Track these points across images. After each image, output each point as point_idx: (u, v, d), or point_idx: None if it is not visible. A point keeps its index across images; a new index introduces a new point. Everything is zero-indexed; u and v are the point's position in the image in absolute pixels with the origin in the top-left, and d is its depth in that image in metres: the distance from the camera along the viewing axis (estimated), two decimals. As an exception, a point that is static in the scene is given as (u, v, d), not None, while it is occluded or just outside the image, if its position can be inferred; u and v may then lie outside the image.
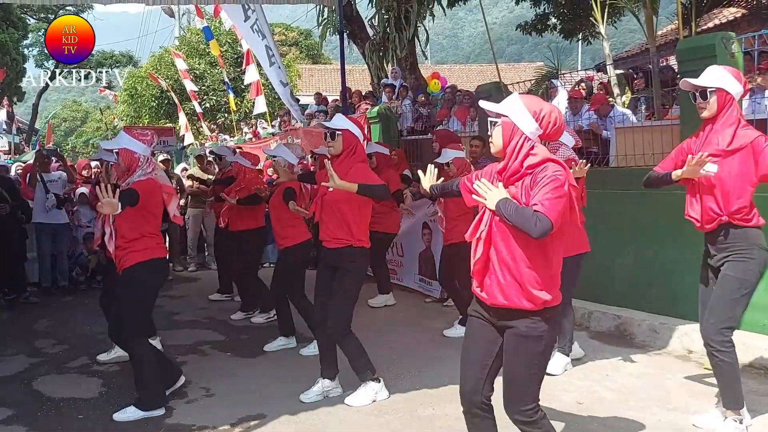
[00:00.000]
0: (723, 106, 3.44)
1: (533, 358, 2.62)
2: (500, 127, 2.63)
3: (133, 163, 4.10)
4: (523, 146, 2.59)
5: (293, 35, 35.07)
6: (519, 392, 2.66)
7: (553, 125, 2.61)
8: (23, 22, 27.54)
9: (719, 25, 14.36)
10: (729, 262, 3.49)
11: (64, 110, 56.37)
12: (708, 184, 3.47)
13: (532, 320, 2.58)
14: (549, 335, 2.63)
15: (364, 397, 4.21)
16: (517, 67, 33.82)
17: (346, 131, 4.16)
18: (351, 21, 11.97)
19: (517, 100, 2.63)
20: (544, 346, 2.63)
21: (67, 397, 4.48)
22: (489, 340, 2.74)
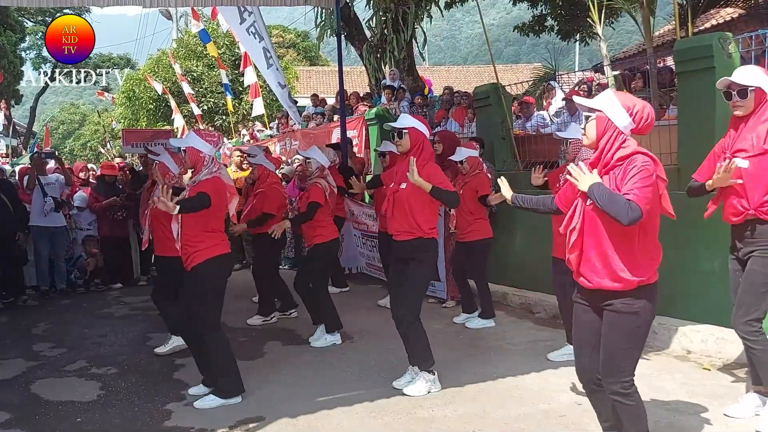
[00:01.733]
0: (759, 104, 3.55)
1: (630, 333, 2.81)
2: (594, 121, 2.80)
3: (198, 162, 4.25)
4: (616, 139, 2.76)
5: (291, 37, 35.10)
6: (616, 366, 2.84)
7: (645, 120, 2.77)
8: (20, 24, 27.53)
9: (716, 25, 14.39)
10: (754, 256, 3.59)
11: (61, 113, 56.32)
12: (737, 178, 3.54)
13: (627, 298, 2.77)
14: (645, 311, 2.79)
15: (422, 387, 4.35)
16: (515, 68, 33.85)
17: (412, 129, 4.34)
18: (349, 23, 11.98)
19: (612, 96, 2.81)
20: (641, 322, 2.81)
21: (66, 401, 4.47)
22: (593, 323, 2.94)
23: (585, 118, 2.85)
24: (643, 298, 2.78)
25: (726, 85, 3.64)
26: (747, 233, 3.61)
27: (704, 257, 5.32)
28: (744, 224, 3.61)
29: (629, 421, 2.90)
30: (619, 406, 2.89)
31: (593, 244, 2.81)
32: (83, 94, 68.61)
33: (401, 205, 4.35)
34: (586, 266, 2.85)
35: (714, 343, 4.92)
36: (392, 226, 4.48)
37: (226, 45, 22.99)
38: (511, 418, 3.92)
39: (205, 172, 4.23)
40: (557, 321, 6.19)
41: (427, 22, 12.41)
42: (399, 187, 4.35)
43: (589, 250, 2.83)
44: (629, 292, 2.76)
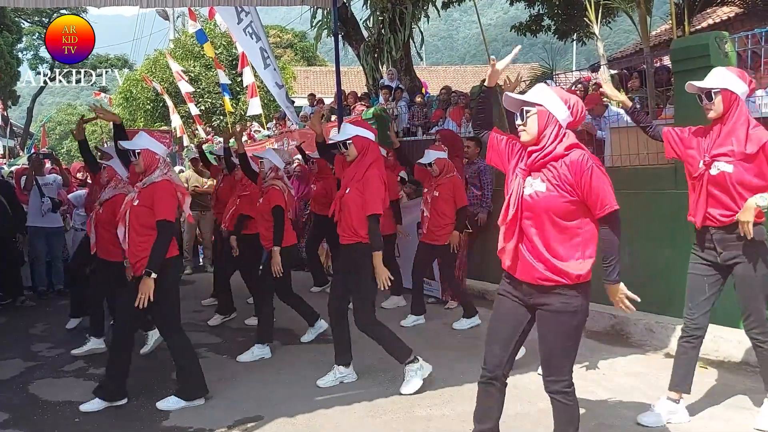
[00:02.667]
0: (729, 106, 3.50)
1: (569, 332, 2.79)
2: (536, 115, 2.77)
3: (153, 163, 4.21)
4: (558, 133, 2.76)
5: (288, 37, 35.10)
6: (558, 365, 2.82)
7: (580, 113, 2.80)
8: (17, 25, 27.49)
9: (713, 24, 14.42)
10: (745, 262, 3.54)
11: (58, 114, 56.18)
12: (721, 182, 3.51)
13: (567, 295, 2.75)
14: (582, 309, 2.80)
15: (415, 382, 4.38)
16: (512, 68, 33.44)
17: (355, 137, 4.43)
18: (346, 23, 11.99)
19: (549, 90, 2.80)
20: (579, 321, 2.80)
21: (64, 401, 4.47)
22: (517, 319, 2.91)
23: (524, 114, 2.79)
24: (580, 295, 2.78)
25: (693, 90, 3.63)
26: (731, 236, 3.54)
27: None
28: (729, 227, 3.53)
29: (564, 423, 2.87)
30: (559, 406, 2.85)
31: (532, 237, 2.78)
32: (80, 95, 68.44)
33: (346, 209, 4.43)
34: (524, 259, 2.81)
35: (711, 342, 4.92)
36: (339, 229, 4.54)
37: (223, 45, 23.00)
38: (509, 417, 3.91)
39: (157, 173, 4.20)
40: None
41: (424, 22, 12.41)
42: (345, 192, 4.44)
43: (528, 242, 2.79)
44: (567, 290, 2.75)
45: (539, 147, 2.77)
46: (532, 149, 2.79)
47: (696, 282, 3.75)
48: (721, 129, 3.55)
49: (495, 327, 3.00)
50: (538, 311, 2.84)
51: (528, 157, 2.81)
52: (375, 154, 4.52)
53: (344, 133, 4.53)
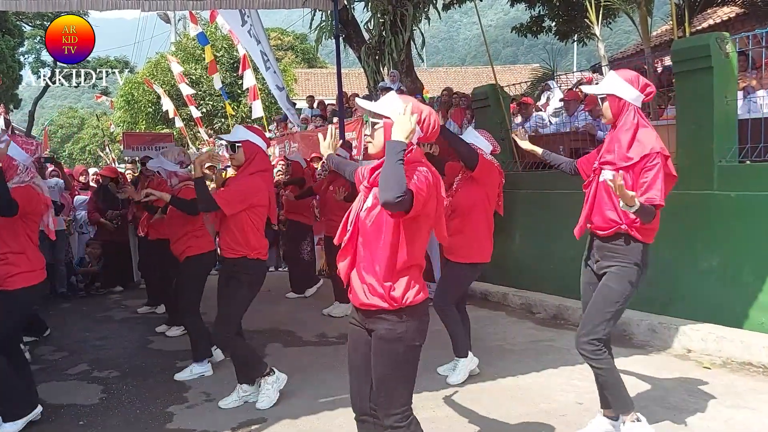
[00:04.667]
0: (618, 111, 3.34)
1: (396, 361, 2.54)
2: (382, 128, 2.56)
3: (9, 169, 3.91)
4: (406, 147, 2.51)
5: (289, 40, 35.10)
6: (387, 397, 2.58)
7: (432, 127, 2.59)
8: (19, 29, 27.53)
9: (713, 25, 14.44)
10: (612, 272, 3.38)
11: (60, 117, 56.26)
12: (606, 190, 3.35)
13: (390, 321, 2.52)
14: (408, 336, 2.53)
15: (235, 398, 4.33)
16: (513, 69, 33.85)
17: (246, 142, 4.20)
18: (346, 25, 11.99)
19: (398, 101, 2.56)
20: (405, 348, 2.54)
21: (68, 404, 4.48)
22: (364, 345, 2.67)
23: (371, 125, 2.59)
24: (406, 321, 2.51)
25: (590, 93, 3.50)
26: (610, 246, 3.36)
27: (703, 256, 5.35)
28: (610, 237, 3.35)
29: None
30: None
31: (363, 257, 2.56)
32: (82, 98, 68.55)
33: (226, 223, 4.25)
34: (356, 279, 2.59)
35: (714, 341, 4.94)
36: (220, 241, 4.41)
37: (224, 48, 23.02)
38: (512, 418, 3.93)
39: (16, 180, 3.92)
40: (558, 321, 6.22)
41: (425, 24, 12.41)
42: None
43: (358, 261, 2.58)
44: (392, 314, 2.51)
45: (380, 163, 2.53)
46: (377, 165, 2.58)
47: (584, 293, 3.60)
48: (610, 136, 3.40)
49: (349, 357, 2.76)
50: (372, 335, 2.60)
51: (372, 173, 2.61)
52: (262, 165, 4.27)
53: (235, 134, 4.24)
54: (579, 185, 3.50)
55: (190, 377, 4.97)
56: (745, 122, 5.35)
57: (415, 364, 2.60)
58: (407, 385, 2.60)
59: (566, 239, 6.53)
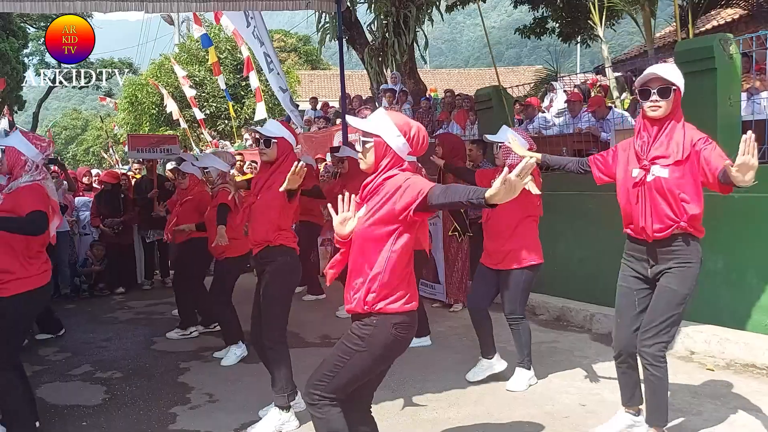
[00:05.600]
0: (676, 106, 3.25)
1: (344, 349, 2.67)
2: (373, 147, 2.66)
3: (16, 165, 3.75)
4: (396, 163, 2.65)
5: (292, 41, 35.17)
6: (321, 371, 2.71)
7: (420, 144, 2.69)
8: (23, 31, 27.60)
9: (717, 26, 14.41)
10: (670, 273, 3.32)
11: (64, 119, 56.47)
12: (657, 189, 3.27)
13: (360, 322, 2.66)
14: (371, 341, 2.63)
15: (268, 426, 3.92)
16: (516, 70, 33.86)
17: (281, 139, 4.04)
18: (350, 26, 12.02)
19: (387, 119, 2.66)
20: (358, 347, 2.64)
21: (71, 405, 4.49)
22: None
23: (363, 143, 2.68)
24: (374, 326, 2.62)
25: (644, 81, 3.26)
26: (668, 248, 3.28)
27: (706, 258, 5.28)
28: (667, 238, 3.27)
29: None
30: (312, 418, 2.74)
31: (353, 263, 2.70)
32: (86, 100, 68.71)
33: (255, 216, 4.09)
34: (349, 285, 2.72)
35: (717, 343, 4.92)
36: (250, 240, 4.19)
37: (228, 50, 23.06)
38: (514, 420, 3.93)
39: (26, 177, 3.72)
40: (561, 323, 6.21)
41: (428, 26, 12.43)
42: (255, 199, 4.07)
43: (351, 269, 2.71)
44: (365, 315, 2.64)
45: (373, 179, 2.68)
46: (368, 182, 2.70)
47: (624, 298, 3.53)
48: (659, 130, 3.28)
49: None
50: None
51: (363, 189, 2.72)
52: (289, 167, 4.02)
53: (271, 129, 4.06)
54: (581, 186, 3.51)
55: (234, 362, 5.27)
56: (748, 123, 5.34)
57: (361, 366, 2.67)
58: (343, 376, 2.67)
59: (570, 241, 6.53)
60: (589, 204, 6.30)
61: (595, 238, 6.26)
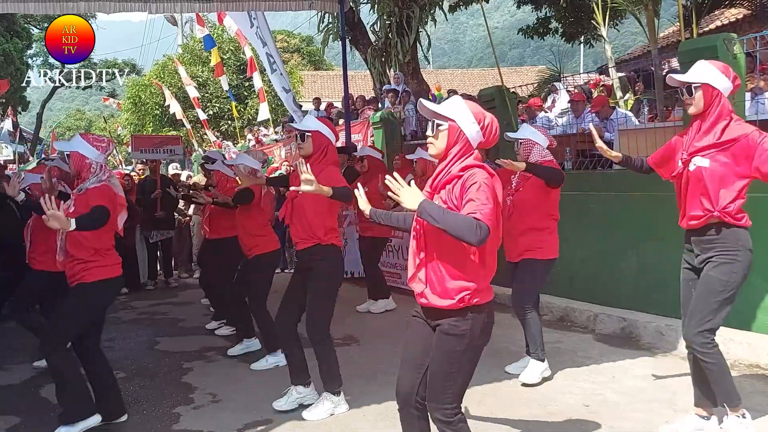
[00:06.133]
0: (710, 101, 3.35)
1: (452, 356, 2.62)
2: (447, 130, 2.63)
3: (83, 168, 3.92)
4: (467, 151, 2.63)
5: (295, 42, 35.20)
6: (438, 389, 2.65)
7: (492, 134, 2.67)
8: (27, 31, 27.66)
9: (721, 26, 14.37)
10: (713, 262, 3.39)
11: (68, 119, 56.54)
12: (698, 179, 3.37)
13: (454, 318, 2.60)
14: (472, 334, 2.61)
15: (322, 410, 4.10)
16: (519, 70, 33.84)
17: (316, 132, 4.06)
18: (353, 27, 12.02)
19: (464, 105, 2.66)
20: (466, 346, 2.62)
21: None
22: (425, 341, 2.75)
23: (434, 126, 2.65)
24: (470, 319, 2.60)
25: (674, 83, 3.48)
26: (706, 237, 3.40)
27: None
28: (704, 228, 3.40)
29: None
30: None
31: (427, 258, 2.66)
32: (89, 101, 68.80)
33: (300, 210, 4.10)
34: (421, 280, 2.69)
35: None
36: (292, 234, 4.25)
37: (231, 50, 23.10)
38: (518, 420, 3.92)
39: (93, 180, 3.89)
40: (565, 323, 6.20)
41: (431, 26, 12.43)
42: (298, 193, 3.98)
43: (425, 264, 2.67)
44: (456, 312, 2.60)
45: (444, 166, 2.66)
46: (439, 170, 2.68)
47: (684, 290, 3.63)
48: (700, 125, 3.40)
49: (405, 350, 2.85)
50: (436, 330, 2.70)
51: (434, 179, 2.70)
52: (334, 158, 4.18)
53: (306, 123, 4.14)
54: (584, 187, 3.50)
55: (266, 367, 5.17)
56: (752, 123, 5.32)
57: (474, 362, 2.68)
58: (460, 382, 2.66)
59: (574, 241, 6.52)
60: (591, 204, 6.30)
61: (599, 238, 6.25)
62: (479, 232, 2.40)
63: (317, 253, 4.08)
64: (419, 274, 2.69)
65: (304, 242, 4.11)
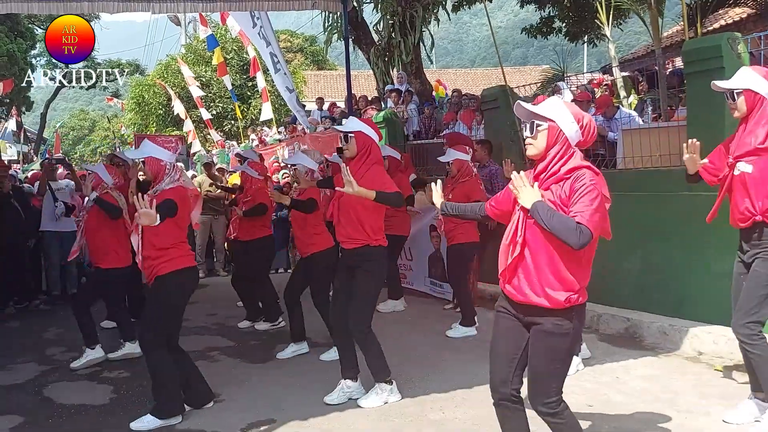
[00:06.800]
0: (753, 106, 3.52)
1: (557, 355, 2.73)
2: (546, 130, 2.69)
3: (159, 171, 4.12)
4: (566, 152, 2.68)
5: (298, 42, 35.20)
6: (543, 386, 2.76)
7: (590, 133, 2.72)
8: (31, 32, 27.72)
9: (725, 25, 14.32)
10: (759, 258, 3.57)
11: (71, 119, 56.66)
12: (742, 183, 3.56)
13: (558, 318, 2.67)
14: (575, 333, 2.71)
15: (376, 399, 4.26)
16: (523, 70, 33.76)
17: (359, 133, 4.18)
18: (356, 27, 12.01)
19: (562, 105, 2.72)
20: (570, 344, 2.73)
21: (78, 404, 4.51)
22: (516, 335, 2.83)
23: (533, 127, 2.70)
24: (573, 318, 2.68)
25: (717, 89, 3.66)
26: (754, 236, 3.59)
27: (714, 258, 5.30)
28: (751, 228, 3.59)
29: None
30: (551, 425, 2.82)
31: (531, 258, 2.70)
32: (93, 101, 68.91)
33: (347, 210, 4.19)
34: (521, 279, 2.73)
35: (725, 344, 4.89)
36: (339, 233, 4.33)
37: (234, 50, 23.10)
38: (521, 420, 3.91)
39: (167, 180, 4.10)
40: (567, 323, 6.18)
41: (434, 25, 12.41)
42: (343, 194, 4.07)
43: (527, 262, 2.71)
44: (560, 312, 2.66)
45: (545, 166, 2.71)
46: (540, 170, 2.74)
47: (735, 283, 3.80)
48: (744, 129, 3.59)
49: (494, 344, 2.94)
50: (532, 328, 2.77)
51: (536, 178, 2.75)
52: (378, 157, 4.28)
53: (349, 125, 4.28)
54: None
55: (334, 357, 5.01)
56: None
57: (573, 355, 2.83)
58: (563, 376, 2.80)
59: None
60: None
61: (602, 238, 6.24)
62: (580, 236, 2.51)
63: (365, 253, 4.21)
64: (518, 271, 2.74)
65: (352, 242, 4.23)
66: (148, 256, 4.06)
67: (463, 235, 5.91)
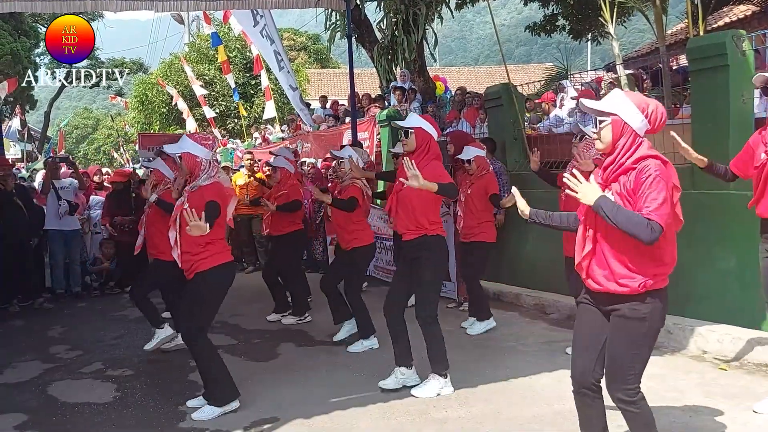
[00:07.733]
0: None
1: (635, 339, 2.74)
2: (610, 126, 2.71)
3: (195, 167, 4.18)
4: (633, 142, 2.69)
5: (301, 40, 35.19)
6: (621, 372, 2.78)
7: (659, 120, 2.72)
8: (34, 30, 27.74)
9: (730, 23, 14.28)
10: None
11: (75, 118, 56.76)
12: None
13: (635, 303, 2.69)
14: (653, 317, 2.72)
15: (430, 389, 4.36)
16: (526, 68, 33.71)
17: (419, 129, 4.32)
18: (359, 25, 11.99)
19: (624, 97, 2.73)
20: (648, 328, 2.73)
21: (82, 402, 4.51)
22: (597, 325, 2.87)
23: (598, 122, 2.75)
24: (650, 303, 2.70)
25: (762, 82, 3.71)
26: None
27: (720, 256, 5.29)
28: None
29: (637, 429, 2.86)
30: (625, 414, 2.84)
31: (604, 247, 2.75)
32: (97, 99, 69.05)
33: (405, 203, 4.35)
34: (595, 268, 2.79)
35: (730, 342, 4.88)
36: (398, 225, 4.49)
37: (237, 48, 23.11)
38: (524, 419, 3.91)
39: (204, 176, 4.16)
40: (571, 322, 6.15)
41: (437, 23, 12.39)
42: (403, 186, 4.25)
43: (599, 252, 2.77)
44: (636, 297, 2.69)
45: (613, 159, 2.73)
46: (608, 163, 2.76)
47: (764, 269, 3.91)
48: None
49: (577, 334, 3.00)
50: (611, 316, 2.82)
51: (604, 170, 2.78)
52: (437, 153, 4.39)
53: (409, 121, 4.45)
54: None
55: (361, 349, 5.46)
56: (761, 120, 5.29)
57: (652, 345, 2.81)
58: (642, 362, 2.80)
59: (580, 239, 6.49)
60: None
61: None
62: (651, 232, 2.53)
63: (424, 243, 4.34)
64: (593, 262, 2.78)
65: (411, 233, 4.38)
66: (187, 252, 4.15)
67: (485, 234, 6.00)
